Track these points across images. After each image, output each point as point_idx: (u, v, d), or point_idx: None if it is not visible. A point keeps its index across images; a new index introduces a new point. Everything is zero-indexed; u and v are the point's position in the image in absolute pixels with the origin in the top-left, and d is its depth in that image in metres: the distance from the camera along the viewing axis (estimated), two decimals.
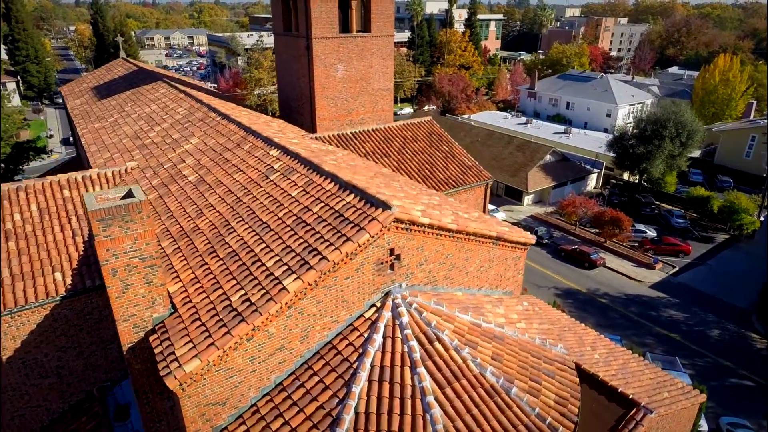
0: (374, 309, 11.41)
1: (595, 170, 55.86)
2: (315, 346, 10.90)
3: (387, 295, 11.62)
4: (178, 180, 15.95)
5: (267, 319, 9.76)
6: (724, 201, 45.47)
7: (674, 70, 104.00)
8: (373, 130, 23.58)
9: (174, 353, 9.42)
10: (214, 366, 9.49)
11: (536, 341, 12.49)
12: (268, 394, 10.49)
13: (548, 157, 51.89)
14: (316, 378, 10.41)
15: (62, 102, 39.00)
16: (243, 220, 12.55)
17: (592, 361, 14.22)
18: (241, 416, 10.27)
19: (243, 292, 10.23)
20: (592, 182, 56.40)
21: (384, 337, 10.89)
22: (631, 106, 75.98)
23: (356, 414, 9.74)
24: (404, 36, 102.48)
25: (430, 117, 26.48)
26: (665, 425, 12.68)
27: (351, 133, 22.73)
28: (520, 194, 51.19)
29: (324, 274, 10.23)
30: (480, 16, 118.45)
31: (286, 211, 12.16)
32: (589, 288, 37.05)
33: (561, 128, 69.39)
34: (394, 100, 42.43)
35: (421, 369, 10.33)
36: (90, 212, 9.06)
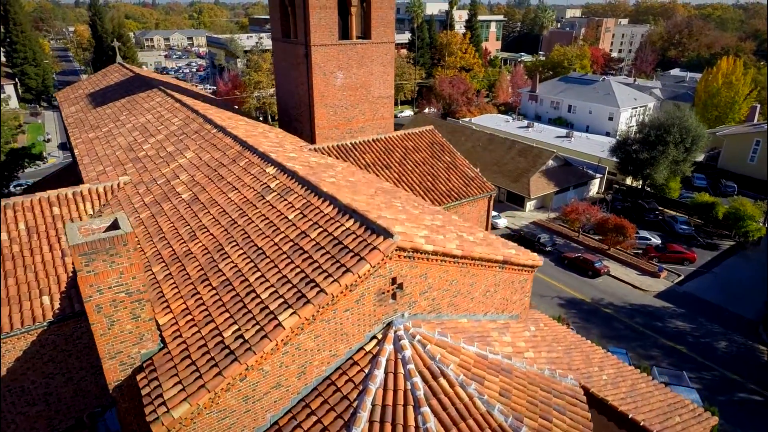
0: (375, 341, 10.82)
1: (598, 175, 55.21)
2: (313, 381, 10.31)
3: (389, 326, 11.03)
4: (172, 198, 15.36)
5: (261, 358, 9.17)
6: (729, 207, 44.78)
7: (676, 72, 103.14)
8: (373, 140, 22.95)
9: (162, 395, 8.83)
10: (205, 409, 8.90)
11: (545, 372, 11.90)
12: None
13: (550, 161, 51.23)
14: (314, 418, 9.82)
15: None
16: (237, 244, 11.96)
17: (600, 384, 13.74)
18: None
19: (236, 327, 9.64)
20: (595, 187, 55.72)
21: (386, 373, 10.30)
22: (633, 109, 75.28)
23: None
24: (404, 38, 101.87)
25: (432, 126, 25.84)
26: None
27: (351, 143, 22.10)
28: (522, 200, 50.53)
29: (322, 308, 9.64)
30: (480, 18, 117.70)
31: (283, 236, 11.57)
32: (593, 297, 36.40)
33: (563, 132, 68.62)
34: (394, 103, 41.88)
35: (425, 408, 9.73)
36: (72, 246, 8.48)
